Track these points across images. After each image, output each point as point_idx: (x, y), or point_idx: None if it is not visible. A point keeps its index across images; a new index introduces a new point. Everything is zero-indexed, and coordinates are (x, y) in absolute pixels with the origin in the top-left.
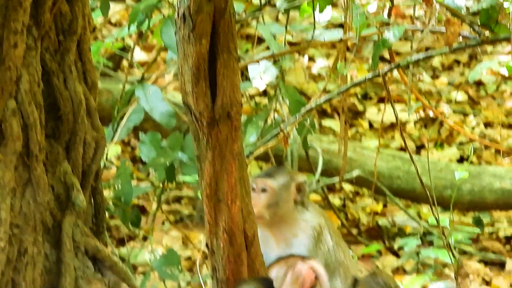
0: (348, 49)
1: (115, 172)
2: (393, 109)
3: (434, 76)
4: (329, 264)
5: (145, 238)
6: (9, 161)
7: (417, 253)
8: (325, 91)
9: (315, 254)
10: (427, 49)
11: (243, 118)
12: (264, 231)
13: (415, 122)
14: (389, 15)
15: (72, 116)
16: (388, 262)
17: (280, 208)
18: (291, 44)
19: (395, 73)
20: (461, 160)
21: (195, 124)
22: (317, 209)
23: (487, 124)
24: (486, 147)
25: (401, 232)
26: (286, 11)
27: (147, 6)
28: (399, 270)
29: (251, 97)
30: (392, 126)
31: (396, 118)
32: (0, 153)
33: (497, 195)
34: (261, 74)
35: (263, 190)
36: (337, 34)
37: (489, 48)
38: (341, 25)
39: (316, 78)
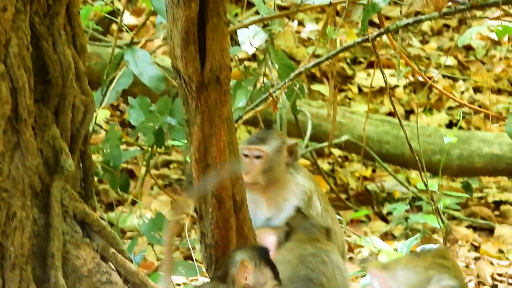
0: (337, 13)
1: (104, 136)
2: (382, 73)
3: (424, 41)
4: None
5: (133, 203)
6: None
7: (406, 219)
8: (314, 55)
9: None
10: (416, 13)
11: (232, 82)
12: (254, 194)
13: (404, 87)
14: None
15: (61, 80)
16: (377, 227)
17: (273, 172)
18: (280, 8)
19: (385, 37)
20: (450, 125)
21: (184, 89)
22: (306, 173)
23: (476, 89)
24: (475, 112)
25: (390, 197)
26: None
27: None
28: (388, 235)
29: (240, 61)
30: (381, 91)
31: (385, 83)
32: None
33: (486, 160)
34: (250, 39)
35: (257, 157)
36: None
37: (478, 13)
38: None
39: (305, 42)
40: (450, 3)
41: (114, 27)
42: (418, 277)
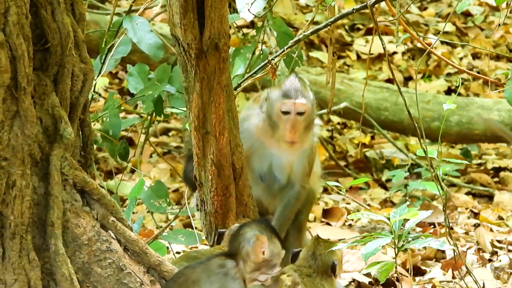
0: None
1: (103, 105)
2: (381, 40)
3: (422, 7)
4: (316, 172)
5: (133, 171)
6: None
7: (405, 186)
8: (313, 22)
9: (313, 163)
10: None
11: (231, 49)
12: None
13: (403, 54)
14: None
15: (60, 48)
16: (376, 194)
17: (309, 129)
18: None
19: (383, 4)
20: (449, 91)
21: (183, 56)
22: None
23: (475, 55)
24: (474, 78)
25: (389, 164)
26: None
27: None
28: (387, 202)
29: (239, 28)
30: (379, 58)
31: (384, 49)
32: None
33: (485, 127)
34: (248, 6)
35: (300, 113)
36: None
37: None
38: None
39: (303, 9)
40: None
41: None
42: None
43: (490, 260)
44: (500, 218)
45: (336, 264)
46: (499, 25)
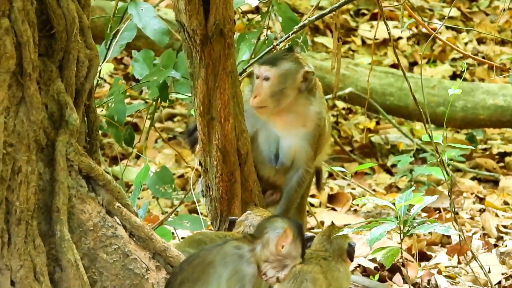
0: None
1: (108, 90)
2: (386, 25)
3: None
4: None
5: (138, 157)
6: (2, 79)
7: (410, 171)
8: (317, 7)
9: (314, 145)
10: None
11: (236, 35)
12: (267, 121)
13: (408, 39)
14: None
15: (65, 34)
16: (381, 179)
17: (283, 97)
18: None
19: None
20: (454, 76)
21: (188, 42)
22: (323, 103)
23: (480, 41)
24: (479, 63)
25: (394, 150)
26: None
27: None
28: (392, 188)
29: (244, 14)
30: (384, 43)
31: (389, 34)
32: None
33: (490, 112)
34: None
35: (266, 78)
36: None
37: None
38: None
39: None
40: None
41: None
42: None
43: (495, 245)
44: (506, 203)
45: (354, 246)
46: (504, 10)
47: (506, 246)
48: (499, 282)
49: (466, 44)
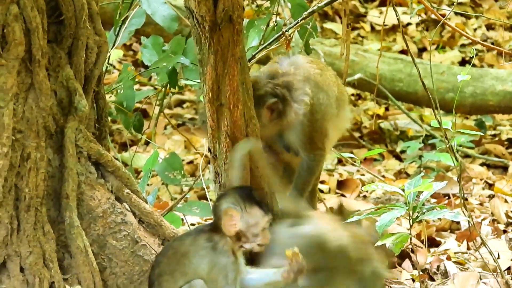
0: None
1: (117, 77)
2: (395, 11)
3: None
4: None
5: (147, 143)
6: (11, 66)
7: (420, 157)
8: None
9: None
10: None
11: (245, 21)
12: None
13: (417, 25)
14: None
15: (74, 20)
16: (391, 165)
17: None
18: None
19: None
20: (463, 62)
21: (197, 28)
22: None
23: (489, 26)
24: (488, 49)
25: (403, 136)
26: None
27: None
28: (402, 174)
29: (253, 0)
30: (393, 29)
31: (398, 20)
32: (2, 58)
33: (499, 98)
34: None
35: None
36: None
37: None
38: None
39: None
40: None
41: None
42: None
43: (505, 231)
44: None
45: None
46: None
47: None
48: (509, 268)
49: (475, 30)
